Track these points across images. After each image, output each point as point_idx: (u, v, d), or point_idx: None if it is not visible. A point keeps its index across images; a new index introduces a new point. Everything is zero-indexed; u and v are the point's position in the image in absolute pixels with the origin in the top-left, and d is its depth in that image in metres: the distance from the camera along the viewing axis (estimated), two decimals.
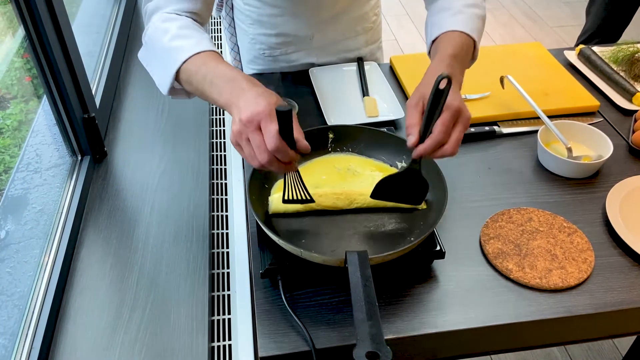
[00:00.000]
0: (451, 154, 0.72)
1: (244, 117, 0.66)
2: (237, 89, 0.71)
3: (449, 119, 0.71)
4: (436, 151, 0.72)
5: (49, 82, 0.91)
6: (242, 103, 0.68)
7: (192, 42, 0.78)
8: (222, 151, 1.14)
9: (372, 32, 1.29)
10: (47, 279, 0.81)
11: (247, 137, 0.67)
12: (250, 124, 0.66)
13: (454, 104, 0.71)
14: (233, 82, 0.72)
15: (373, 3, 1.26)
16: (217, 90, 0.73)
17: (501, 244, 0.84)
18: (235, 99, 0.70)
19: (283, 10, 1.16)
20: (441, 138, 0.71)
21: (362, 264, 0.65)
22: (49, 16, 0.87)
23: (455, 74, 0.80)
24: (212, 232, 0.95)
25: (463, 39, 0.87)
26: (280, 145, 0.65)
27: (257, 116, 0.66)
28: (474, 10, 0.91)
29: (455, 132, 0.72)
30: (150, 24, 0.84)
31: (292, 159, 0.69)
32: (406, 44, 3.13)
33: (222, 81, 0.73)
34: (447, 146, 0.72)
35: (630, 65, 1.21)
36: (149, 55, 0.85)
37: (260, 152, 0.66)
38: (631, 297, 0.77)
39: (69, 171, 0.99)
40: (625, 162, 1.00)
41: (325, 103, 1.13)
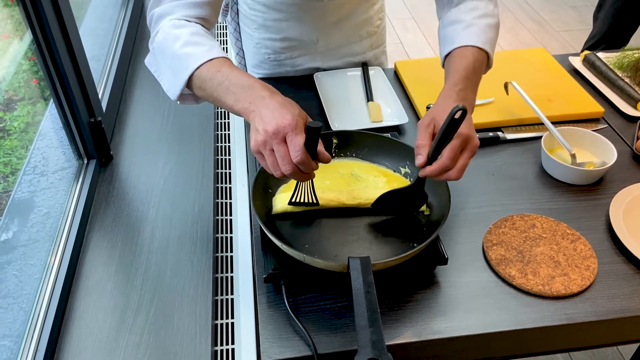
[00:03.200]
0: (455, 178, 0.74)
1: (270, 129, 0.67)
2: (257, 98, 0.72)
3: (458, 146, 0.73)
4: (441, 175, 0.74)
5: (55, 86, 0.92)
6: (265, 112, 0.69)
7: (204, 49, 0.79)
8: (226, 155, 1.15)
9: (377, 36, 1.29)
10: (53, 282, 0.81)
11: (271, 148, 0.68)
12: (276, 136, 0.67)
13: (464, 132, 0.73)
14: (251, 90, 0.73)
15: (377, 7, 1.26)
16: (234, 98, 0.74)
17: (504, 250, 0.84)
18: (256, 108, 0.71)
19: (288, 15, 1.17)
20: (448, 164, 0.73)
21: (364, 270, 0.65)
22: (56, 21, 0.88)
23: (467, 97, 0.82)
24: (216, 236, 0.95)
25: (475, 54, 0.87)
26: (306, 158, 0.67)
27: (283, 129, 0.67)
28: (485, 20, 0.91)
29: (462, 158, 0.74)
30: (160, 30, 0.84)
31: (313, 169, 0.70)
32: (412, 48, 3.13)
33: (238, 88, 0.74)
34: (452, 172, 0.74)
35: (635, 71, 1.21)
36: (158, 61, 0.85)
37: (284, 163, 0.68)
38: (634, 304, 0.77)
39: (75, 174, 0.99)
40: (629, 168, 1.00)
41: (329, 108, 1.14)
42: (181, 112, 1.19)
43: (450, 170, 0.74)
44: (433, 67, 0.87)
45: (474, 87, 0.85)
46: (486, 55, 0.89)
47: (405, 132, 1.09)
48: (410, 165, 0.90)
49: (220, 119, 1.24)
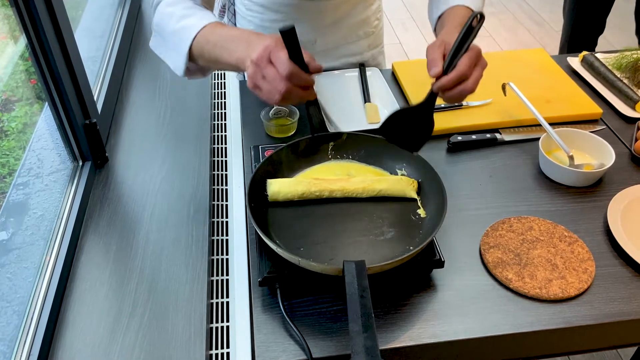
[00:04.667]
0: (470, 90, 0.74)
1: (254, 57, 0.70)
2: (245, 43, 0.76)
3: (473, 57, 0.74)
4: (457, 86, 0.74)
5: (50, 88, 0.92)
6: (251, 49, 0.72)
7: (196, 18, 0.82)
8: (223, 157, 1.15)
9: (374, 36, 1.29)
10: (47, 285, 0.81)
11: (262, 75, 0.71)
12: (261, 60, 0.70)
13: (476, 47, 0.75)
14: (241, 39, 0.77)
15: (375, 8, 1.26)
16: (228, 52, 0.77)
17: (501, 253, 0.83)
18: (246, 51, 0.74)
19: (285, 15, 1.16)
20: (466, 71, 0.73)
21: (359, 274, 0.65)
22: (50, 23, 0.88)
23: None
24: (212, 238, 0.95)
25: (468, 13, 0.89)
26: (294, 68, 0.69)
27: (265, 51, 0.70)
28: None
29: (476, 71, 0.75)
30: (157, 10, 0.87)
31: (309, 82, 0.72)
32: (411, 48, 3.13)
33: (230, 42, 0.78)
34: (469, 82, 0.74)
35: (634, 72, 1.21)
36: (160, 41, 0.88)
37: (277, 82, 0.69)
38: (632, 308, 0.76)
39: (70, 176, 0.99)
40: (628, 170, 0.99)
41: (326, 109, 1.13)
42: (177, 113, 1.19)
43: (467, 80, 0.74)
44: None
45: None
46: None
47: None
48: (407, 167, 0.90)
49: (216, 120, 1.24)
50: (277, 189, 0.84)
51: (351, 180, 0.87)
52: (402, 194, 0.85)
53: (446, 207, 0.78)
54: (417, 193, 0.86)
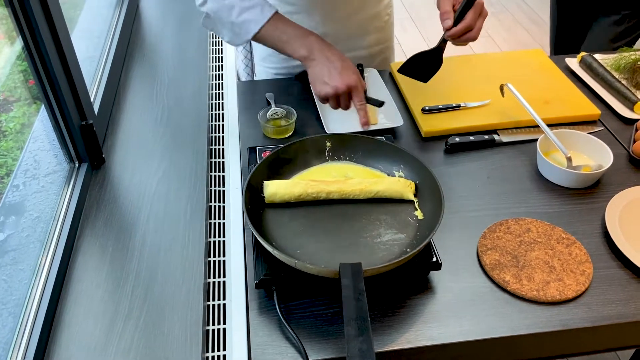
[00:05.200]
0: (474, 38, 0.93)
1: (341, 88, 0.96)
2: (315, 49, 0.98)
3: (478, 10, 0.92)
4: (463, 35, 0.92)
5: (46, 89, 0.91)
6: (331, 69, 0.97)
7: (257, 12, 0.97)
8: (220, 158, 1.14)
9: (384, 31, 1.30)
10: (42, 287, 0.80)
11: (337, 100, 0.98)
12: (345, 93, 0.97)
13: (480, 1, 0.92)
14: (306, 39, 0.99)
15: (386, 2, 1.27)
16: (292, 48, 0.99)
17: (498, 255, 0.83)
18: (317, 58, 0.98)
19: (299, 7, 1.18)
20: (472, 23, 0.91)
21: (355, 277, 0.64)
22: (46, 24, 0.87)
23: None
24: (209, 240, 0.94)
25: None
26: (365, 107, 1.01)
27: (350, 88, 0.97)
28: None
29: (479, 21, 0.93)
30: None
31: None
32: (409, 48, 3.12)
33: (294, 39, 0.99)
34: (474, 31, 0.92)
35: (632, 73, 1.20)
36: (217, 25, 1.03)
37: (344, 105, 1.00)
38: (629, 310, 0.76)
39: (66, 178, 0.98)
40: (626, 172, 0.99)
41: (323, 110, 1.13)
42: (175, 114, 1.18)
43: (472, 30, 0.92)
44: None
45: None
46: None
47: (400, 135, 1.09)
48: (404, 169, 0.89)
49: (214, 121, 1.23)
50: (274, 190, 0.84)
51: (348, 181, 0.86)
52: (400, 196, 0.85)
53: (443, 209, 0.78)
54: (414, 195, 0.86)
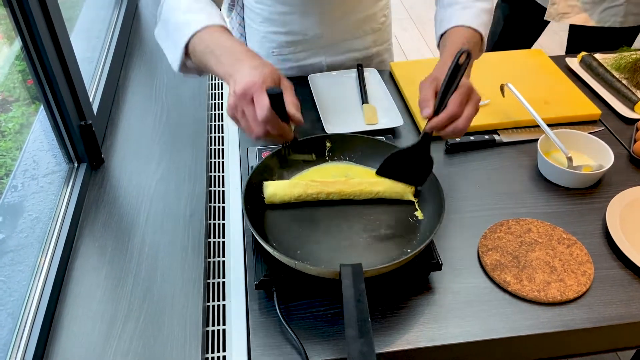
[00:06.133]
0: (462, 128, 0.74)
1: (238, 90, 0.68)
2: (234, 60, 0.73)
3: (463, 95, 0.74)
4: (449, 125, 0.74)
5: (44, 89, 0.91)
6: (238, 75, 0.70)
7: (202, 16, 0.79)
8: (220, 158, 1.14)
9: (381, 32, 1.29)
10: (41, 288, 0.80)
11: (242, 110, 0.69)
12: (243, 97, 0.68)
13: (467, 83, 0.75)
14: (232, 53, 0.74)
15: (382, 4, 1.26)
16: (216, 61, 0.75)
17: (499, 255, 0.83)
18: (232, 70, 0.72)
19: (294, 8, 1.17)
20: (456, 111, 0.72)
21: (355, 278, 0.64)
22: (45, 24, 0.87)
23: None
24: (209, 240, 0.94)
25: (470, 34, 0.89)
26: (271, 116, 0.67)
27: (249, 89, 0.68)
28: (480, 4, 0.93)
29: (468, 109, 0.74)
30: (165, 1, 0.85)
31: (284, 132, 0.71)
32: (409, 48, 3.12)
33: (221, 52, 0.75)
34: (460, 121, 0.73)
35: (632, 72, 1.20)
36: (163, 32, 0.86)
37: (255, 124, 0.69)
38: (631, 311, 0.76)
39: (65, 178, 0.98)
40: (627, 172, 0.99)
41: (323, 110, 1.12)
42: (174, 114, 1.18)
43: (458, 120, 0.73)
44: (429, 68, 0.86)
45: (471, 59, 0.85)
46: (480, 37, 0.90)
47: (400, 134, 1.08)
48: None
49: (213, 121, 1.23)
50: (274, 191, 0.83)
51: (348, 182, 0.86)
52: (400, 197, 0.84)
53: (444, 209, 0.78)
54: (414, 195, 0.85)
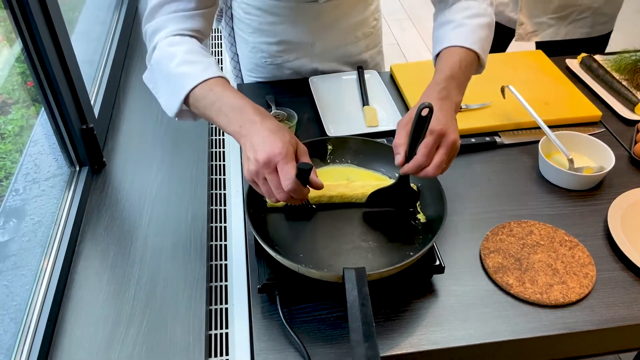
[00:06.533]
0: (433, 175, 0.75)
1: (260, 159, 0.68)
2: (247, 122, 0.72)
3: (431, 143, 0.74)
4: (419, 172, 0.75)
5: (46, 93, 0.91)
6: (256, 140, 0.69)
7: (199, 68, 0.78)
8: (221, 161, 1.14)
9: (373, 37, 1.28)
10: (44, 292, 0.80)
11: (264, 177, 0.69)
12: (267, 166, 0.68)
13: (437, 128, 0.74)
14: (242, 113, 0.73)
15: (373, 8, 1.25)
16: (226, 120, 0.74)
17: (501, 258, 0.83)
18: (247, 133, 0.71)
19: (283, 18, 1.16)
20: (423, 161, 0.74)
21: (359, 281, 0.64)
22: (46, 27, 0.87)
23: (450, 95, 0.81)
24: (211, 243, 0.94)
25: (463, 54, 0.86)
26: (297, 186, 0.68)
27: (274, 158, 0.68)
28: (477, 20, 0.90)
29: (438, 155, 0.75)
30: (157, 47, 0.83)
31: (305, 197, 0.72)
32: (408, 49, 3.12)
33: (230, 110, 0.74)
34: (429, 169, 0.74)
35: (633, 74, 1.20)
36: (155, 78, 0.84)
37: (278, 192, 0.69)
38: (633, 312, 0.76)
39: (67, 182, 0.98)
40: (628, 173, 0.99)
41: (324, 112, 1.12)
42: None
43: (427, 167, 0.74)
44: (429, 70, 0.86)
45: (458, 86, 0.84)
46: (476, 54, 0.88)
47: None
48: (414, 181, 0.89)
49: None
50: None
51: (350, 185, 0.86)
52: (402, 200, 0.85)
53: (446, 212, 0.78)
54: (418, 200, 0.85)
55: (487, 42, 0.91)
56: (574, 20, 1.41)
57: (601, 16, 1.41)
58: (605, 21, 1.43)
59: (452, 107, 0.80)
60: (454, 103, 0.81)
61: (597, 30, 1.43)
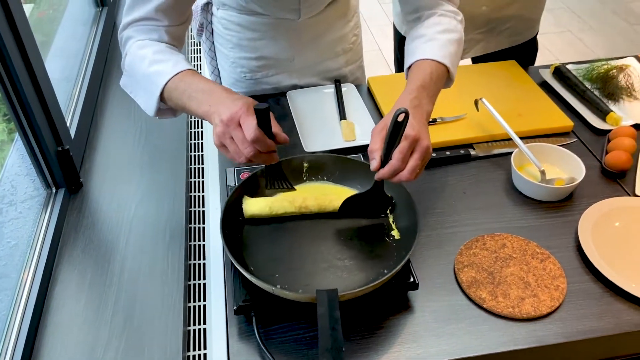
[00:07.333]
0: (407, 179, 0.77)
1: (225, 118, 0.75)
2: (215, 98, 0.79)
3: (406, 148, 0.76)
4: (394, 177, 0.77)
5: (19, 117, 0.91)
6: (221, 108, 0.76)
7: (169, 65, 0.84)
8: (200, 177, 1.14)
9: (352, 52, 1.30)
10: (21, 317, 0.80)
11: (230, 136, 0.75)
12: (231, 122, 0.74)
13: (411, 134, 0.77)
14: (211, 93, 0.80)
15: (352, 25, 1.27)
16: (196, 102, 0.81)
17: (475, 272, 0.84)
18: (215, 109, 0.77)
19: (263, 34, 1.17)
20: (398, 165, 0.76)
21: (331, 304, 0.65)
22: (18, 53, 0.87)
23: (421, 104, 0.84)
24: (189, 262, 0.95)
25: (433, 67, 0.89)
26: (260, 135, 0.73)
27: (236, 114, 0.74)
28: (447, 35, 0.93)
29: (412, 159, 0.77)
30: (128, 52, 0.89)
31: (272, 148, 0.77)
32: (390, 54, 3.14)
33: (200, 93, 0.81)
34: (404, 173, 0.77)
35: (604, 83, 1.23)
36: (131, 81, 0.90)
37: (244, 146, 0.74)
38: (602, 325, 0.78)
39: (44, 204, 0.98)
40: (599, 184, 1.01)
41: (302, 127, 1.13)
42: (153, 133, 1.18)
43: (402, 171, 0.77)
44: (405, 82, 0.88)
45: (429, 96, 0.87)
46: (446, 68, 0.90)
47: None
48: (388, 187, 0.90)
49: (193, 139, 1.23)
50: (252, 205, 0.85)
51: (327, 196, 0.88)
52: None
53: (419, 229, 0.79)
54: (391, 212, 0.87)
55: (457, 56, 0.93)
56: (500, 31, 1.44)
57: (526, 22, 1.44)
58: (530, 26, 1.47)
59: (423, 115, 0.84)
60: (425, 112, 0.84)
61: (525, 35, 1.47)
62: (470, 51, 1.47)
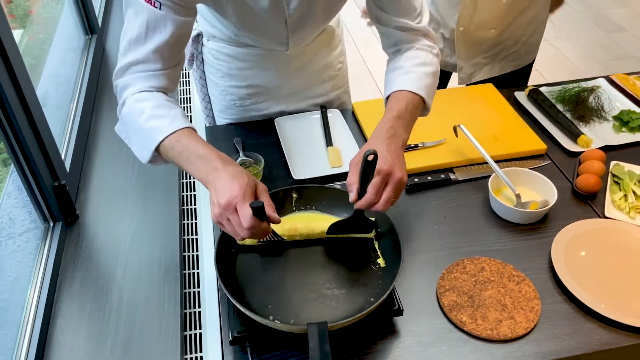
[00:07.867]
0: (383, 210, 0.84)
1: (222, 202, 0.77)
2: (211, 169, 0.81)
3: (379, 183, 0.83)
4: (370, 208, 0.84)
5: (16, 154, 0.94)
6: (218, 185, 0.79)
7: (166, 122, 0.86)
8: (192, 205, 1.18)
9: (338, 78, 1.35)
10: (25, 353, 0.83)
11: (227, 218, 0.78)
12: (228, 207, 0.78)
13: (383, 169, 0.83)
14: (206, 162, 0.82)
15: (337, 52, 1.32)
16: (193, 168, 0.83)
17: (456, 295, 0.89)
18: (212, 179, 0.80)
19: (252, 64, 1.21)
20: (372, 199, 0.83)
21: (321, 337, 0.70)
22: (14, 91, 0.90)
23: (397, 133, 0.90)
24: (185, 291, 0.98)
25: (409, 98, 0.95)
26: (255, 223, 0.77)
27: (234, 200, 0.77)
28: (423, 68, 0.99)
29: (386, 192, 0.83)
30: (125, 103, 0.90)
31: (267, 232, 0.82)
32: (374, 66, 3.20)
33: (196, 159, 0.83)
34: (378, 205, 0.83)
35: (575, 105, 1.29)
36: (127, 129, 0.91)
37: (240, 230, 0.78)
38: (574, 344, 0.84)
39: (42, 238, 1.01)
40: (571, 206, 1.07)
41: (289, 154, 1.18)
42: None
43: (377, 203, 0.83)
44: None
45: (405, 126, 0.93)
46: (421, 99, 0.96)
47: None
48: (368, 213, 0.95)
49: None
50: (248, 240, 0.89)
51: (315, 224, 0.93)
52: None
53: (402, 258, 0.84)
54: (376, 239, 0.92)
55: (432, 88, 1.00)
56: (505, 56, 1.52)
57: (528, 47, 1.52)
58: (532, 50, 1.55)
59: (399, 145, 0.90)
60: (400, 140, 0.91)
61: (526, 60, 1.55)
62: (477, 74, 1.53)
